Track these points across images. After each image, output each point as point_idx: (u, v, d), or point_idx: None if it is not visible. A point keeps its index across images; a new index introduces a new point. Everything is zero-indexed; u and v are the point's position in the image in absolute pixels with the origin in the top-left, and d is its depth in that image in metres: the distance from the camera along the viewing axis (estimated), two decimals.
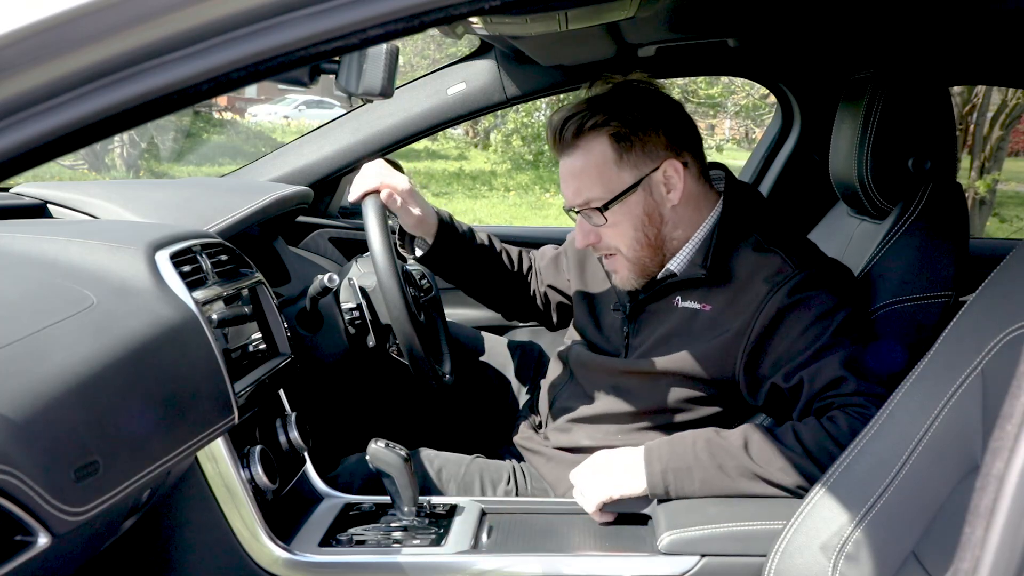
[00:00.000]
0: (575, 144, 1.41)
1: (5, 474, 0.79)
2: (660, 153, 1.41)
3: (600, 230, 1.44)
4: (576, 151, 1.41)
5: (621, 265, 1.47)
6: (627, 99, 1.41)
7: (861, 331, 1.38)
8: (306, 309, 1.75)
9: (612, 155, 1.40)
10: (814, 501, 1.18)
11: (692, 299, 1.44)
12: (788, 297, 1.35)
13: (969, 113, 6.40)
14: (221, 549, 1.31)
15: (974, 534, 0.60)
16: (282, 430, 1.47)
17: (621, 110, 1.40)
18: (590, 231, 1.45)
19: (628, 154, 1.40)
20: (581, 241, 1.47)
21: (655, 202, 1.43)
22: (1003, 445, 0.61)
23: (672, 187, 1.43)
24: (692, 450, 1.32)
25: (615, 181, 1.41)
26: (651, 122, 1.41)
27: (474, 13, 0.62)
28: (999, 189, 7.11)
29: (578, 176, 1.42)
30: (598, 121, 1.39)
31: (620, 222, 1.42)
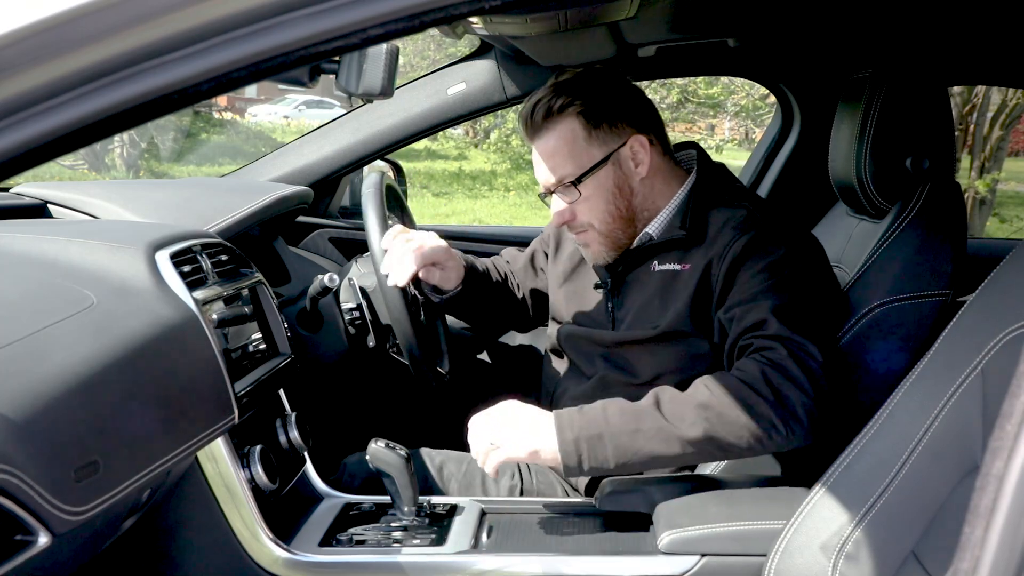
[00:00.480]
0: (545, 126, 1.47)
1: (5, 474, 0.79)
2: (626, 130, 1.49)
3: (574, 207, 1.50)
4: (547, 132, 1.47)
5: (593, 239, 1.53)
6: (591, 82, 1.49)
7: (808, 288, 1.41)
8: (306, 309, 1.75)
9: (581, 132, 1.47)
10: (814, 501, 1.18)
11: (670, 261, 1.49)
12: (747, 244, 1.40)
13: (969, 113, 6.40)
14: (221, 549, 1.31)
15: (974, 534, 0.60)
16: (282, 430, 1.47)
17: (587, 91, 1.47)
18: (565, 209, 1.51)
19: (596, 131, 1.47)
20: (557, 220, 1.52)
21: (624, 175, 1.50)
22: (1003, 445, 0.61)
23: (640, 161, 1.50)
24: (603, 415, 1.31)
25: (585, 157, 1.47)
26: (615, 101, 1.49)
27: (474, 13, 0.62)
28: (999, 189, 7.11)
29: (551, 156, 1.48)
30: (565, 102, 1.46)
31: (592, 195, 1.49)
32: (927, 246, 1.49)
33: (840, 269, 1.66)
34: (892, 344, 1.41)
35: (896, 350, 1.40)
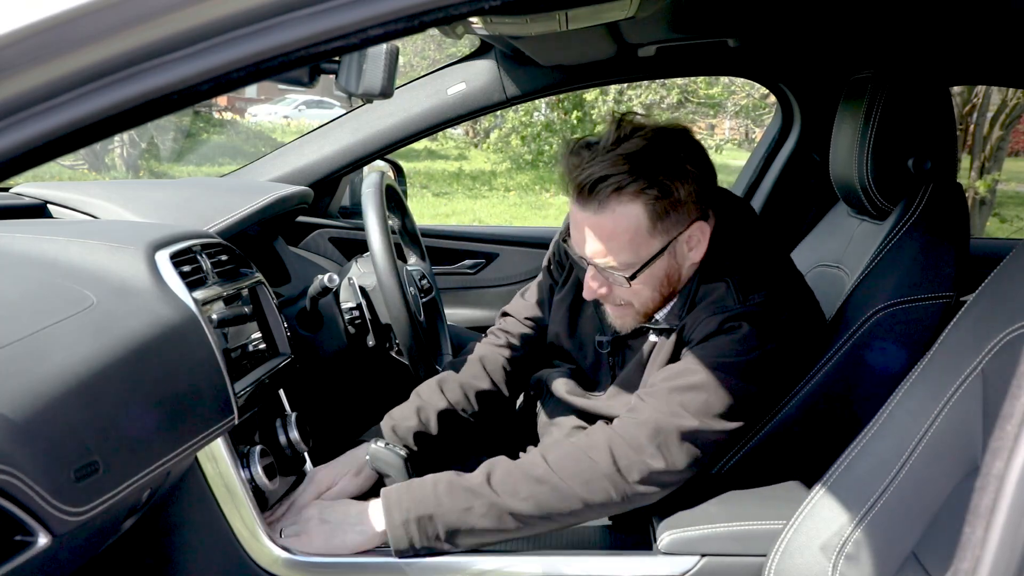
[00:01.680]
0: (607, 206, 1.28)
1: (5, 474, 0.79)
2: (690, 216, 1.34)
3: (614, 287, 1.37)
4: (607, 213, 1.29)
5: (628, 314, 1.42)
6: (668, 158, 1.29)
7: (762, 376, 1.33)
8: (306, 309, 1.75)
9: (647, 224, 1.30)
10: (814, 501, 1.18)
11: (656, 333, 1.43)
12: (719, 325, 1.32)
13: (969, 113, 6.40)
14: (221, 549, 1.31)
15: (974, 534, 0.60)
16: (282, 430, 1.47)
17: (662, 174, 1.28)
18: (602, 285, 1.37)
19: (662, 222, 1.31)
20: (590, 293, 1.38)
21: (677, 263, 1.37)
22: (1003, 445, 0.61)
23: (694, 246, 1.37)
24: (433, 493, 1.26)
25: (645, 249, 1.32)
26: (685, 183, 1.30)
27: (474, 13, 0.62)
28: (999, 189, 7.10)
29: (606, 239, 1.31)
30: (640, 187, 1.27)
31: (641, 285, 1.36)
32: (930, 249, 1.49)
33: (841, 270, 1.66)
34: (895, 346, 1.41)
35: (899, 352, 1.40)
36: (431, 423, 1.52)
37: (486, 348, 1.65)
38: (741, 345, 1.30)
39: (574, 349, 1.56)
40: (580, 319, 1.56)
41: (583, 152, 1.30)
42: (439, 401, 1.55)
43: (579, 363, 1.56)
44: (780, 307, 1.35)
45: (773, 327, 1.33)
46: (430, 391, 1.57)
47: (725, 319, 1.32)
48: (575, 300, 1.56)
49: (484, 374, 1.60)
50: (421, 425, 1.51)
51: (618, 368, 1.49)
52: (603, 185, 1.27)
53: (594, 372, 1.54)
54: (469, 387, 1.58)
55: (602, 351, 1.51)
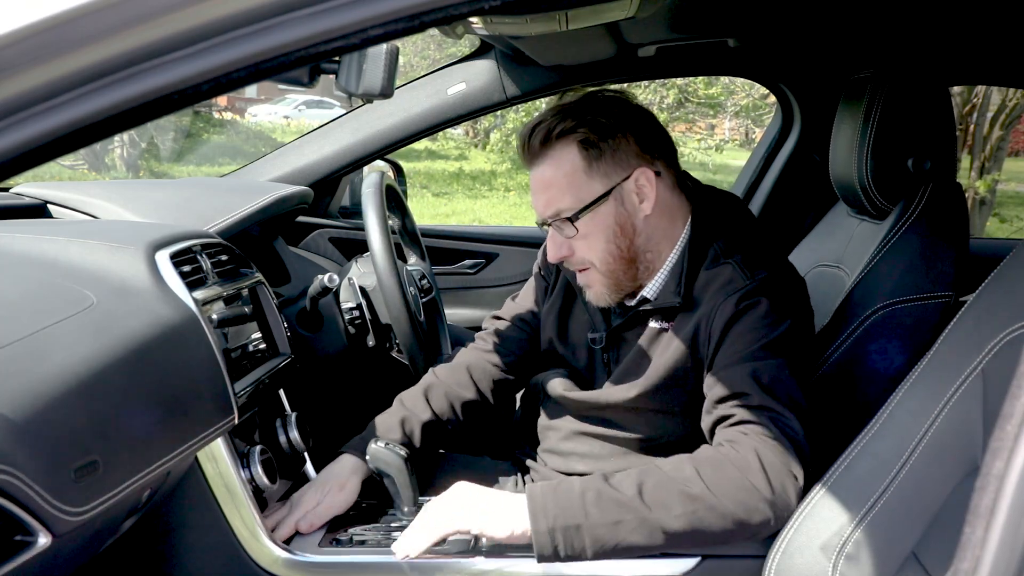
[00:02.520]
0: (543, 153, 1.35)
1: (5, 474, 0.79)
2: (631, 161, 1.36)
3: (572, 242, 1.39)
4: (544, 160, 1.36)
5: (595, 279, 1.42)
6: (595, 106, 1.36)
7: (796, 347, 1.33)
8: (306, 309, 1.75)
9: (581, 163, 1.34)
10: (814, 501, 1.18)
11: (660, 319, 1.41)
12: (736, 305, 1.31)
13: (969, 113, 6.40)
14: (221, 549, 1.31)
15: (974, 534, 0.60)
16: (282, 430, 1.47)
17: (589, 116, 1.34)
18: (562, 243, 1.39)
19: (598, 162, 1.35)
20: (553, 254, 1.41)
21: (627, 212, 1.37)
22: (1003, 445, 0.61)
23: (644, 196, 1.37)
24: (581, 503, 1.21)
25: (585, 190, 1.35)
26: (621, 129, 1.35)
27: (474, 13, 0.62)
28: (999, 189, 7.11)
29: (548, 186, 1.36)
30: (565, 128, 1.34)
31: (591, 233, 1.37)
32: (929, 248, 1.49)
33: (841, 270, 1.66)
34: (894, 346, 1.41)
35: (898, 352, 1.40)
36: (415, 435, 1.50)
37: (473, 355, 1.62)
38: (767, 319, 1.31)
39: (567, 353, 1.55)
40: (570, 322, 1.55)
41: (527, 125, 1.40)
42: (423, 412, 1.52)
43: (573, 365, 1.55)
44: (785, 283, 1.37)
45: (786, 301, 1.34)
46: (414, 400, 1.54)
47: (741, 297, 1.31)
48: (564, 304, 1.55)
49: (470, 382, 1.58)
50: (405, 437, 1.49)
51: (613, 364, 1.48)
52: (536, 131, 1.35)
53: (589, 372, 1.53)
54: (455, 397, 1.55)
55: (596, 347, 1.50)
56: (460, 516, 1.25)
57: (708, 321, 1.34)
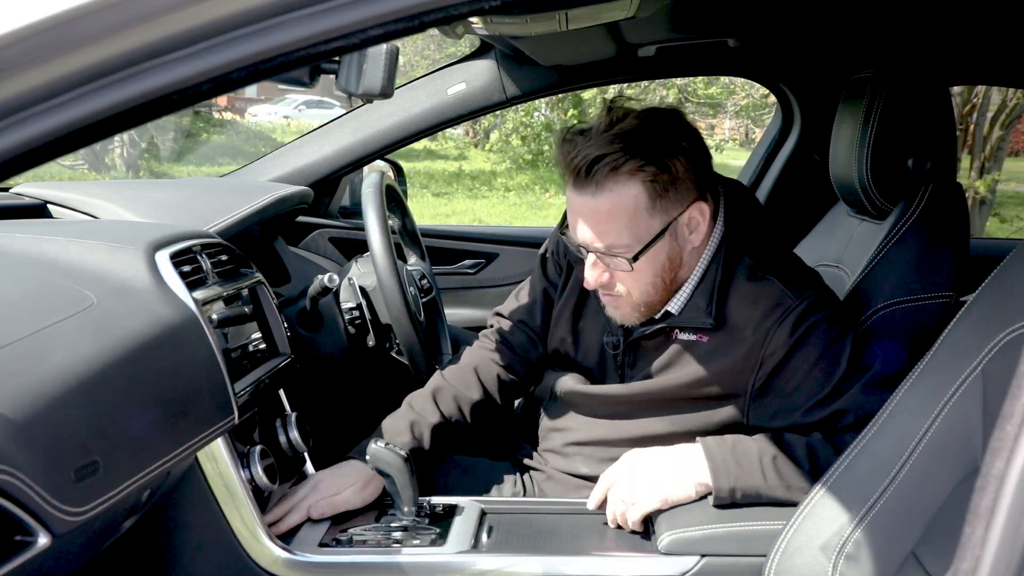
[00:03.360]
0: (605, 186, 1.27)
1: (5, 474, 0.79)
2: (689, 195, 1.33)
3: (617, 274, 1.36)
4: (605, 193, 1.28)
5: (625, 304, 1.39)
6: (662, 137, 1.29)
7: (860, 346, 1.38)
8: (306, 309, 1.75)
9: (646, 202, 1.29)
10: (814, 501, 1.18)
11: (689, 332, 1.40)
12: (793, 330, 1.32)
13: (969, 113, 6.40)
14: (221, 549, 1.31)
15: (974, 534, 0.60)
16: (282, 430, 1.47)
17: (658, 152, 1.28)
18: (603, 272, 1.36)
19: (661, 200, 1.30)
20: (593, 282, 1.36)
21: (679, 246, 1.35)
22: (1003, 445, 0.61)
23: (695, 229, 1.35)
24: (759, 467, 1.29)
25: (645, 229, 1.31)
26: (683, 163, 1.30)
27: (474, 13, 0.62)
28: (999, 189, 7.10)
29: (604, 221, 1.30)
30: (636, 165, 1.26)
31: (642, 269, 1.33)
32: (930, 248, 1.49)
33: (841, 270, 1.66)
34: (895, 345, 1.41)
35: (899, 351, 1.40)
36: (424, 438, 1.49)
37: (479, 354, 1.62)
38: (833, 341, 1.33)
39: (579, 353, 1.55)
40: (582, 322, 1.54)
41: (577, 138, 1.30)
42: (432, 415, 1.51)
43: (583, 366, 1.54)
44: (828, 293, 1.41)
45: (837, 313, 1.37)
46: (423, 402, 1.53)
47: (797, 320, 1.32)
48: (578, 303, 1.54)
49: (478, 384, 1.57)
50: (415, 441, 1.49)
51: (628, 368, 1.47)
52: (599, 165, 1.26)
53: (600, 373, 1.52)
54: (463, 399, 1.55)
55: (612, 352, 1.49)
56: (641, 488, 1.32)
57: (761, 346, 1.33)
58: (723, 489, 1.28)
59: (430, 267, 2.03)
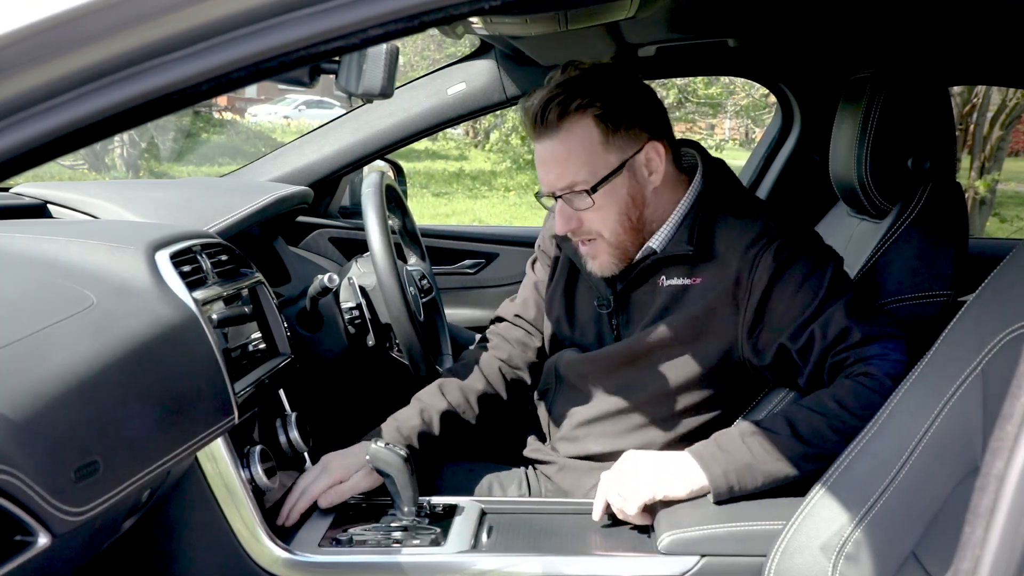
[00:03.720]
0: (560, 126, 1.37)
1: (5, 474, 0.79)
2: (642, 135, 1.41)
3: (582, 214, 1.42)
4: (559, 133, 1.38)
5: (601, 250, 1.46)
6: (607, 80, 1.39)
7: (848, 281, 1.42)
8: (306, 309, 1.75)
9: (598, 136, 1.38)
10: (814, 501, 1.18)
11: (678, 275, 1.45)
12: (776, 258, 1.37)
13: (969, 113, 6.40)
14: (221, 549, 1.31)
15: (974, 534, 0.60)
16: (282, 430, 1.47)
17: (604, 92, 1.37)
18: (572, 216, 1.43)
19: (613, 136, 1.38)
20: (563, 227, 1.44)
21: (639, 184, 1.43)
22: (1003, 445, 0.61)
23: (654, 169, 1.42)
24: (743, 444, 1.31)
25: (601, 163, 1.39)
26: (632, 104, 1.40)
27: (474, 13, 0.62)
28: (999, 189, 7.10)
29: (562, 160, 1.39)
30: (583, 102, 1.36)
31: (605, 205, 1.41)
32: (929, 247, 1.49)
33: None
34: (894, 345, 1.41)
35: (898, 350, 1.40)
36: (434, 423, 1.53)
37: (479, 353, 1.66)
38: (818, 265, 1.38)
39: (575, 330, 1.58)
40: (576, 300, 1.59)
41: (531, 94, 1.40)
42: (440, 403, 1.55)
43: (581, 344, 1.57)
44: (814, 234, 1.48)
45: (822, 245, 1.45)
46: (430, 394, 1.58)
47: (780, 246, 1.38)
48: (568, 283, 1.60)
49: (481, 377, 1.62)
50: (424, 425, 1.52)
51: (623, 327, 1.51)
52: (551, 106, 1.36)
53: (599, 344, 1.55)
54: (469, 390, 1.59)
55: (603, 311, 1.53)
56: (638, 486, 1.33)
57: (748, 273, 1.38)
58: (716, 476, 1.30)
59: (430, 267, 2.03)
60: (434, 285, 1.98)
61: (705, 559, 1.28)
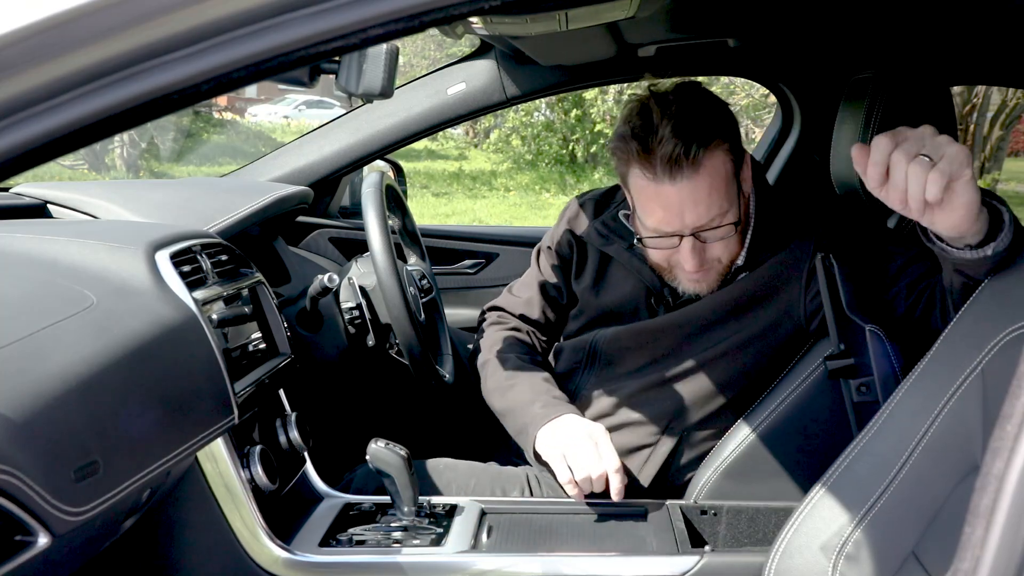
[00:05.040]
0: (702, 163, 1.34)
1: (5, 474, 0.79)
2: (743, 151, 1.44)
3: (707, 246, 1.42)
4: (702, 170, 1.35)
5: (714, 273, 1.46)
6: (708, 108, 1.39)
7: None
8: (306, 309, 1.75)
9: (731, 168, 1.39)
10: (814, 501, 1.18)
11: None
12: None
13: (969, 113, 6.41)
14: (221, 549, 1.31)
15: (974, 534, 0.60)
16: (282, 430, 1.47)
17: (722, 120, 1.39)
18: (700, 249, 1.42)
19: (739, 164, 1.41)
20: (695, 265, 1.42)
21: (745, 201, 1.46)
22: (1003, 445, 0.61)
23: (746, 176, 1.45)
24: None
25: (735, 193, 1.41)
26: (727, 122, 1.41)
27: (474, 13, 0.62)
28: (999, 189, 7.11)
29: (704, 198, 1.36)
30: (717, 137, 1.36)
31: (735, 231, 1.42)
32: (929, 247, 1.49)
33: None
34: (894, 345, 1.41)
35: (898, 351, 1.40)
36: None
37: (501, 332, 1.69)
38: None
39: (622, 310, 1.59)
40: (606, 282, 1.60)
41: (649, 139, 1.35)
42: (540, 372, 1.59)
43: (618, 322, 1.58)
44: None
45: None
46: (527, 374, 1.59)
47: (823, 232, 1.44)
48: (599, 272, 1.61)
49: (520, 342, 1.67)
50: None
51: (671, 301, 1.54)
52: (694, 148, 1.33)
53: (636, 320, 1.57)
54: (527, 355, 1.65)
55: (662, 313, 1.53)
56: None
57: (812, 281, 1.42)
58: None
59: (430, 267, 2.03)
60: (434, 285, 1.98)
61: (705, 558, 1.28)
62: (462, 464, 1.61)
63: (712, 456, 1.49)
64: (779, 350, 1.48)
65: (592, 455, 1.40)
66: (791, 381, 1.46)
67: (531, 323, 1.71)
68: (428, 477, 1.56)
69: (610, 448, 1.42)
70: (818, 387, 1.43)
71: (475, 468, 1.60)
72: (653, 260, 1.49)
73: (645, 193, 1.39)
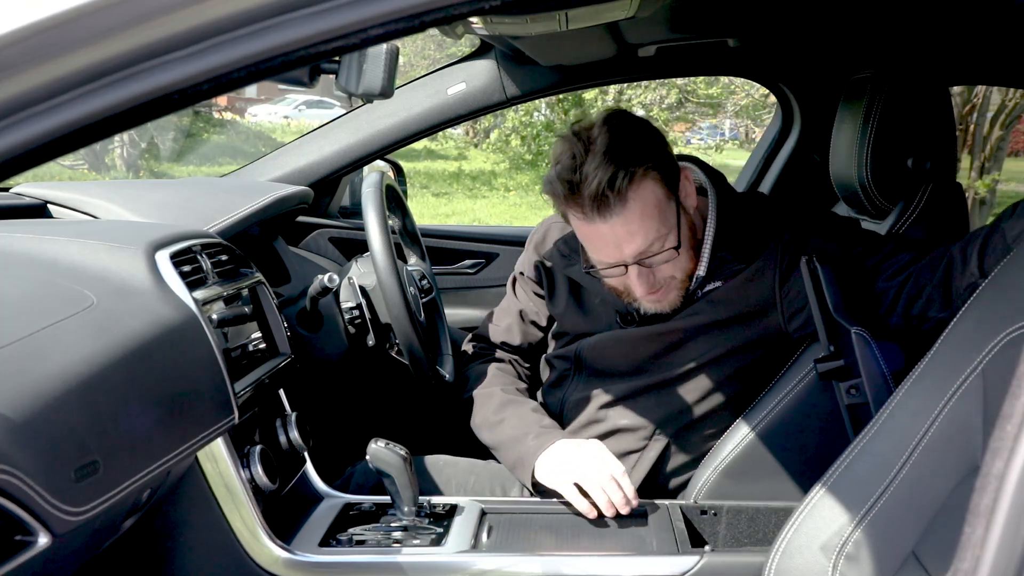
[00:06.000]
0: (628, 196, 1.33)
1: (5, 474, 0.79)
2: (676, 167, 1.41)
3: (655, 270, 1.41)
4: (630, 203, 1.33)
5: (672, 290, 1.46)
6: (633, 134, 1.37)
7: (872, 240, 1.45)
8: (306, 309, 1.75)
9: (663, 191, 1.37)
10: (814, 501, 1.18)
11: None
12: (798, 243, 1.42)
13: (969, 113, 6.40)
14: (221, 549, 1.31)
15: (974, 534, 0.60)
16: (282, 430, 1.47)
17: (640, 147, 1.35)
18: (647, 274, 1.41)
19: (669, 183, 1.39)
20: (647, 289, 1.41)
21: (688, 214, 1.44)
22: (1003, 445, 0.61)
23: (688, 192, 1.43)
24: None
25: (671, 215, 1.39)
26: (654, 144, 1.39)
27: (474, 13, 0.62)
28: (999, 189, 7.11)
29: (636, 229, 1.35)
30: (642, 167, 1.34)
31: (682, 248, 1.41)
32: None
33: None
34: (894, 345, 1.41)
35: (898, 351, 1.40)
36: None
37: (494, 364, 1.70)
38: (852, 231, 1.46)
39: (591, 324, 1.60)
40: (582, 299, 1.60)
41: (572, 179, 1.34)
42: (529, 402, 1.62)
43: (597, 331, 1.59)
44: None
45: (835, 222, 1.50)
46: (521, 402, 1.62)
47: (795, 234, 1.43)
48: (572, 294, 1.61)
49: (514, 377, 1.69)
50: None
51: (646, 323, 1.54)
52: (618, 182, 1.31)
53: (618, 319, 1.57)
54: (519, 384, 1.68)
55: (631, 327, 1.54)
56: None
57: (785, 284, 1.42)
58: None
59: (430, 267, 2.03)
60: (434, 285, 1.98)
61: (705, 558, 1.28)
62: (462, 461, 1.61)
63: (711, 455, 1.50)
64: (761, 355, 1.48)
65: (599, 472, 1.41)
66: (788, 380, 1.46)
67: (512, 350, 1.74)
68: (427, 474, 1.56)
69: (611, 457, 1.43)
70: (815, 387, 1.43)
71: (475, 465, 1.60)
72: (609, 285, 1.49)
73: (581, 232, 1.41)
